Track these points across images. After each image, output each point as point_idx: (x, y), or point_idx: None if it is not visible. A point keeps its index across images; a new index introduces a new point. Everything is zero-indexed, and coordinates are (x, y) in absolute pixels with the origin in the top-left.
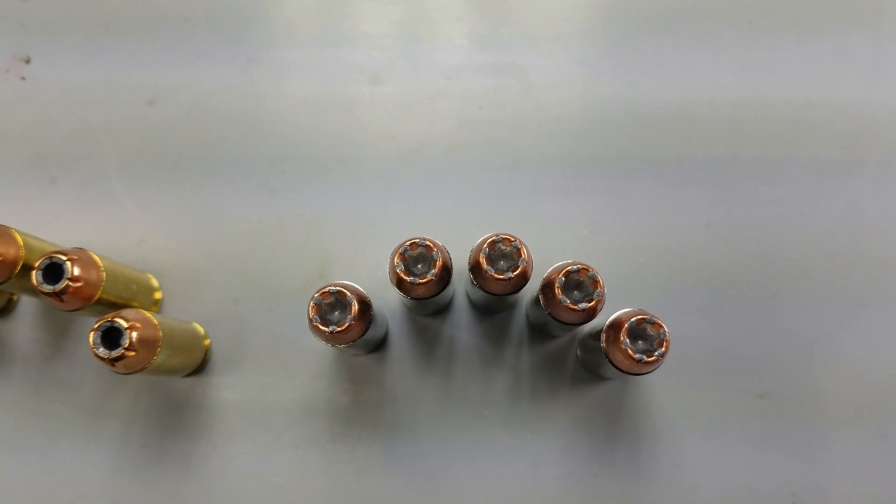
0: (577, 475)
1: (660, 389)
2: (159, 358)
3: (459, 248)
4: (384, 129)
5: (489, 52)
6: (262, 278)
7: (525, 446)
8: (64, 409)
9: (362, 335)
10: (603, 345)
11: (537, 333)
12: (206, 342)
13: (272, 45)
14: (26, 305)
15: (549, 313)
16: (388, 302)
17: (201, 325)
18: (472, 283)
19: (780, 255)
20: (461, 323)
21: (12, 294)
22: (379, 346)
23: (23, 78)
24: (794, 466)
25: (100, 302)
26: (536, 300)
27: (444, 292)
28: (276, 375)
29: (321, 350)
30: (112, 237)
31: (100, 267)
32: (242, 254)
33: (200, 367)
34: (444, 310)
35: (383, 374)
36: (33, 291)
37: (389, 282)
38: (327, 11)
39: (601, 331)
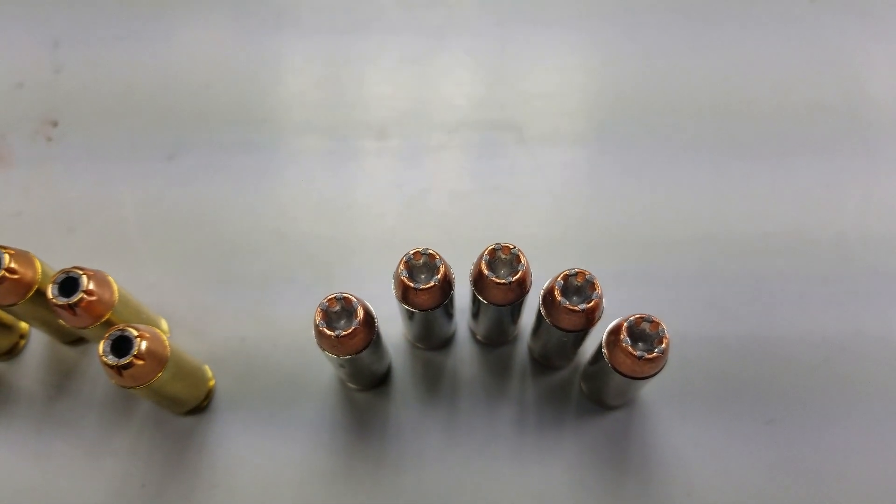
0: None
1: (666, 419)
2: (165, 374)
3: (461, 288)
4: (390, 178)
5: (486, 111)
6: (271, 317)
7: (532, 480)
8: (64, 448)
9: (367, 345)
10: (604, 350)
11: (540, 366)
12: (211, 383)
13: (283, 105)
14: (33, 347)
15: (551, 322)
16: (392, 338)
17: (209, 364)
18: (475, 299)
19: (779, 280)
20: (464, 357)
21: (21, 338)
22: (382, 381)
23: (49, 139)
24: (808, 494)
25: (108, 323)
26: (536, 327)
27: (445, 315)
28: (279, 412)
29: (325, 386)
30: (125, 281)
31: (113, 288)
32: (252, 295)
33: (203, 405)
34: (446, 343)
35: (387, 409)
36: (43, 321)
37: (392, 318)
38: (336, 77)
39: (601, 347)
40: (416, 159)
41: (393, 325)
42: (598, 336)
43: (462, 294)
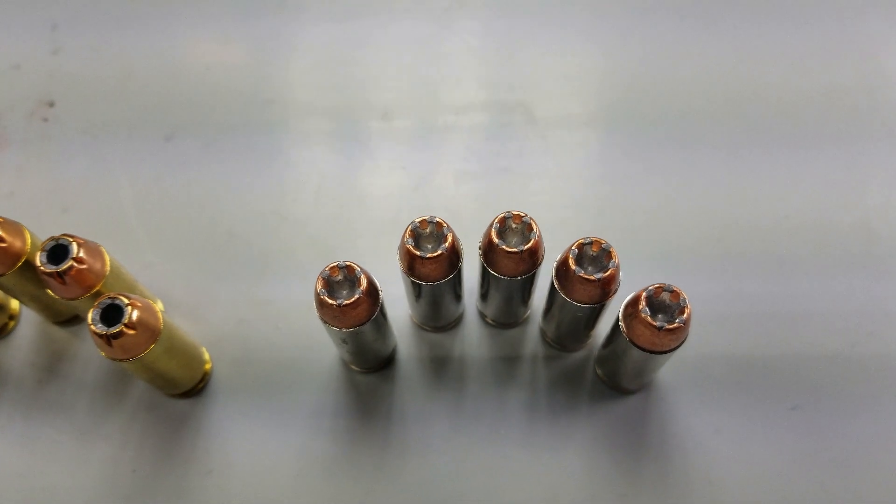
0: (602, 497)
1: (685, 405)
2: (158, 348)
3: (469, 270)
4: (394, 159)
5: (495, 93)
6: (271, 299)
7: (544, 467)
8: (53, 433)
9: (370, 318)
10: (621, 323)
11: (553, 350)
12: (207, 366)
13: (286, 87)
14: (23, 328)
15: (565, 295)
16: (397, 321)
17: (206, 346)
18: (484, 273)
19: (802, 263)
20: (472, 339)
21: (10, 319)
22: (386, 363)
23: (45, 119)
24: (836, 483)
25: (99, 295)
26: (549, 305)
27: (453, 291)
28: (278, 396)
29: (327, 369)
30: (121, 261)
31: (105, 259)
32: (251, 277)
33: (199, 387)
34: (454, 325)
35: (391, 394)
36: (32, 296)
37: (398, 301)
38: (341, 59)
39: (618, 321)
40: (422, 141)
41: (398, 308)
42: (614, 318)
43: (470, 277)
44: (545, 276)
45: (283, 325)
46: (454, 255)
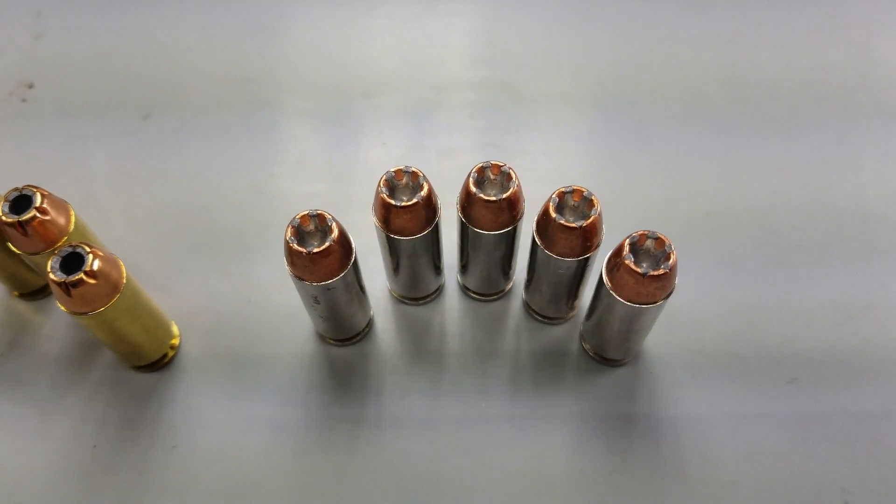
0: (592, 472)
1: (676, 378)
2: (120, 303)
3: (447, 247)
4: (375, 136)
5: (480, 70)
6: (245, 274)
7: (529, 442)
8: (12, 407)
9: (343, 271)
10: (605, 277)
11: (537, 322)
12: (175, 340)
13: (266, 65)
14: None
15: (545, 248)
16: (374, 293)
17: (176, 320)
18: (464, 232)
19: (797, 237)
20: (453, 312)
21: None
22: (362, 336)
23: (24, 100)
24: (839, 457)
25: None
26: (530, 273)
27: (431, 256)
28: (249, 370)
29: (300, 342)
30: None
31: (70, 215)
32: (226, 252)
33: (165, 361)
34: (433, 296)
35: (368, 368)
36: None
37: (376, 273)
38: (322, 38)
39: (601, 277)
40: (405, 118)
41: (376, 282)
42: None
43: (450, 252)
44: (525, 252)
45: (256, 299)
46: (431, 209)
